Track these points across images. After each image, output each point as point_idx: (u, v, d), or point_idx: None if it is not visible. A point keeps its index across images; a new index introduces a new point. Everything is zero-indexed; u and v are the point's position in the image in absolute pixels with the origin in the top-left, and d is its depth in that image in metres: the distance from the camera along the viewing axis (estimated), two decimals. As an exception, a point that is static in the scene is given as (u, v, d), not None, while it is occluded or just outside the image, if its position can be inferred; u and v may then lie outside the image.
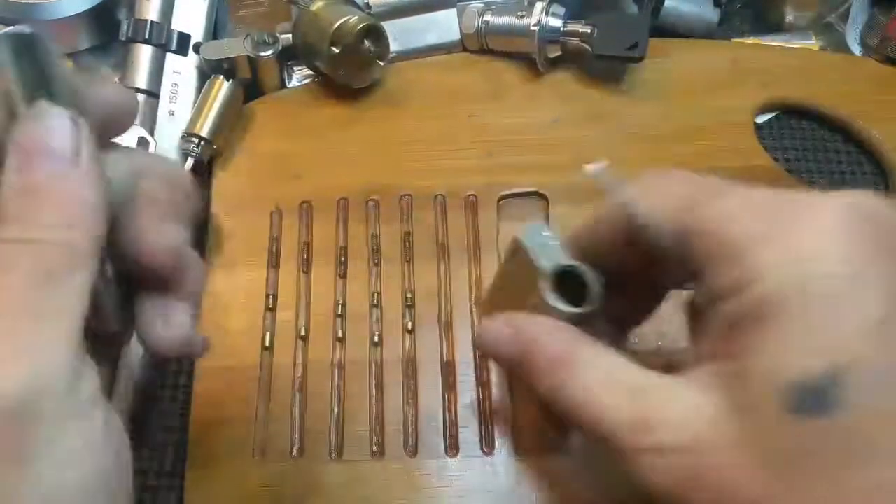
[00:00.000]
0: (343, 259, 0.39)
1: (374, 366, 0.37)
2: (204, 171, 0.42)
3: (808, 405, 0.20)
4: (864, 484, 0.19)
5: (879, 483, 0.19)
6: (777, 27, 0.49)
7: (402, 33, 0.46)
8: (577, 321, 0.27)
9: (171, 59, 0.44)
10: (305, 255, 0.40)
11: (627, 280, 0.28)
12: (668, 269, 0.24)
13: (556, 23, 0.43)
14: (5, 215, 0.20)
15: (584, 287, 0.27)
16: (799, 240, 0.21)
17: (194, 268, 0.24)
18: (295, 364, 0.37)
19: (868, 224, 0.21)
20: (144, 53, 0.43)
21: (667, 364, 0.24)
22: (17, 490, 0.18)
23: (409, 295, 0.38)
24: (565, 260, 0.27)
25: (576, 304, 0.27)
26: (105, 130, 0.23)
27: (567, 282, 0.27)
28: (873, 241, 0.21)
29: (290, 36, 0.44)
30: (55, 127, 0.21)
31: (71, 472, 0.19)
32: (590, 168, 0.25)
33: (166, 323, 0.24)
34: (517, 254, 0.29)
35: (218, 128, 0.42)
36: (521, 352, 0.27)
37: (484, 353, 0.32)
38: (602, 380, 0.24)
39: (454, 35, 0.46)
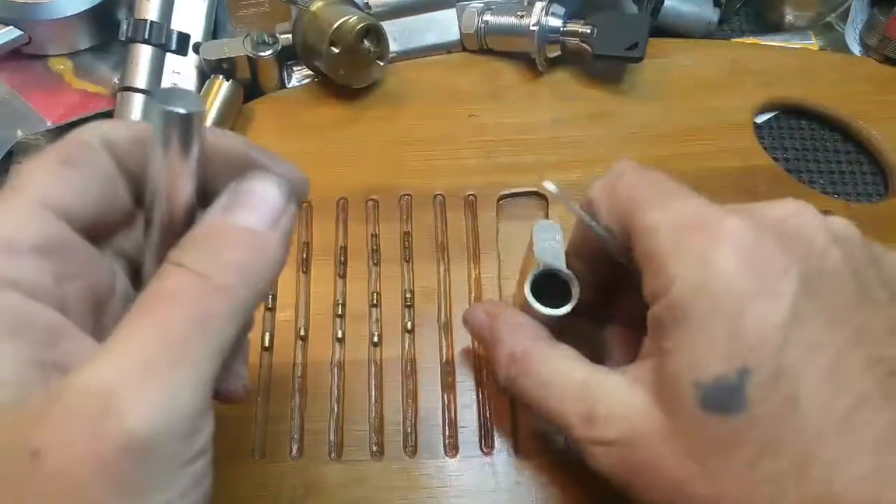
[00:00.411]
0: (342, 259, 0.40)
1: (373, 366, 0.37)
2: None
3: (718, 403, 0.23)
4: (767, 473, 0.22)
5: (778, 471, 0.22)
6: (777, 27, 0.49)
7: (401, 33, 0.46)
8: (553, 319, 0.30)
9: (171, 59, 0.44)
10: (305, 255, 0.40)
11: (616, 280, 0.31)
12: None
13: (555, 23, 0.43)
14: (192, 243, 0.21)
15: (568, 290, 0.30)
16: (708, 253, 0.23)
17: (247, 337, 0.27)
18: (294, 364, 0.37)
19: (774, 236, 0.24)
20: (144, 53, 0.43)
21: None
22: None
23: (408, 295, 0.38)
24: (557, 263, 0.30)
25: (558, 304, 0.30)
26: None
27: (555, 282, 0.30)
28: (781, 252, 0.23)
29: (289, 36, 0.44)
30: (271, 191, 0.22)
31: None
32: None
33: (231, 373, 0.26)
34: (530, 246, 0.32)
35: (218, 127, 0.42)
36: (488, 341, 0.31)
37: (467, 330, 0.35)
38: (556, 376, 0.27)
39: (454, 35, 0.46)
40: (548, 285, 0.30)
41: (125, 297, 0.24)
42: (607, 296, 0.32)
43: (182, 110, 0.20)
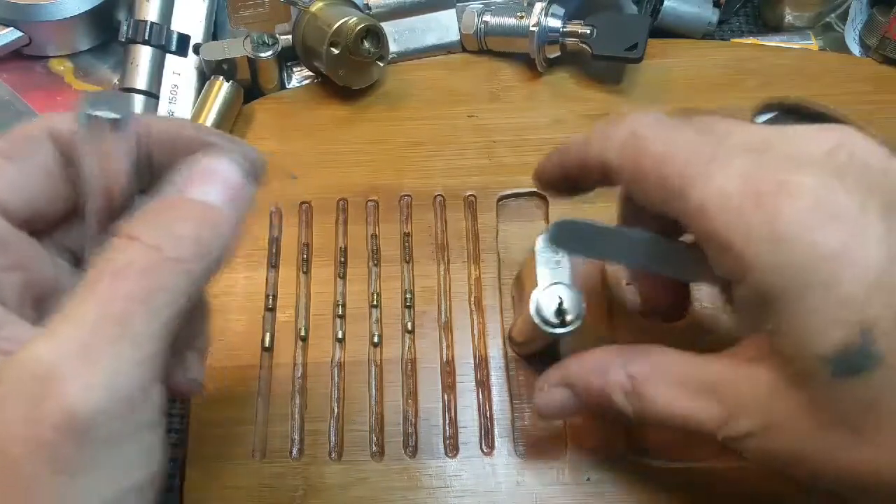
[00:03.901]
0: (343, 259, 0.40)
1: (373, 366, 0.37)
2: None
3: (852, 368, 0.21)
4: None
5: None
6: (776, 27, 0.49)
7: (401, 34, 0.46)
8: (555, 337, 0.30)
9: (171, 60, 0.44)
10: (305, 256, 0.40)
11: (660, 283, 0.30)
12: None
13: (555, 23, 0.43)
14: (145, 216, 0.21)
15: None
16: (775, 226, 0.22)
17: (207, 330, 0.27)
18: (294, 364, 0.37)
19: (832, 177, 0.22)
20: (144, 54, 0.43)
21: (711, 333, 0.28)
22: (67, 499, 0.18)
23: (408, 295, 0.38)
24: (559, 280, 0.30)
25: (564, 320, 0.29)
26: None
27: (561, 294, 0.30)
28: (847, 193, 0.22)
29: (289, 37, 0.44)
30: (227, 166, 0.22)
31: (111, 488, 0.19)
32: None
33: (183, 366, 0.26)
34: (532, 257, 0.31)
35: (217, 128, 0.42)
36: (587, 404, 0.28)
37: (553, 419, 0.34)
38: (675, 388, 0.25)
39: (453, 36, 0.46)
40: (553, 307, 0.30)
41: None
42: (681, 293, 0.31)
43: (103, 114, 0.20)
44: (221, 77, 0.42)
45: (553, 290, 0.29)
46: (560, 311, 0.29)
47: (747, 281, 0.23)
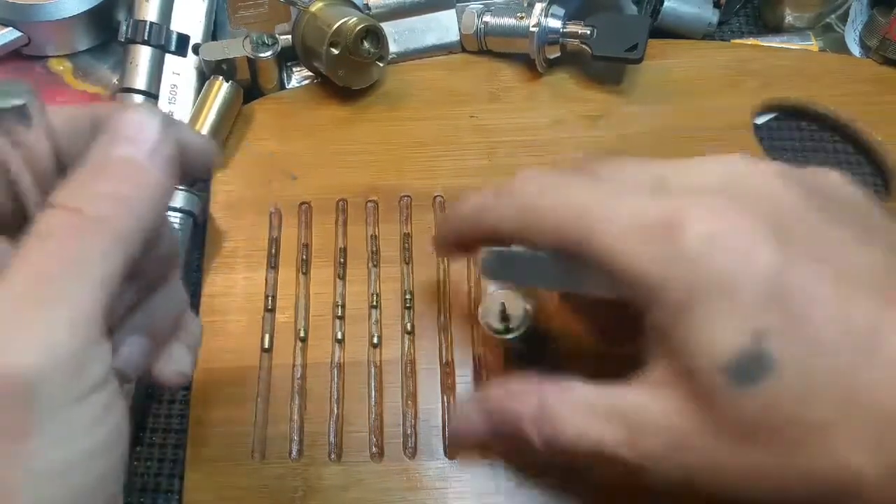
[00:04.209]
0: (342, 260, 0.39)
1: (373, 367, 0.37)
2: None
3: (749, 375, 0.22)
4: (820, 417, 0.22)
5: (830, 412, 0.22)
6: (776, 28, 0.49)
7: (401, 34, 0.46)
8: (510, 342, 0.31)
9: (171, 60, 0.44)
10: (304, 256, 0.40)
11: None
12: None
13: (555, 24, 0.43)
14: (65, 183, 0.20)
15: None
16: (675, 252, 0.23)
17: (195, 325, 0.27)
18: (294, 365, 0.37)
19: (726, 204, 0.24)
20: (143, 54, 0.43)
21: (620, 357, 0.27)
22: (12, 466, 0.18)
23: (408, 296, 0.38)
24: (501, 289, 0.31)
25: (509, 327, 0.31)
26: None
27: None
28: (739, 215, 0.23)
29: (289, 37, 0.44)
30: (145, 121, 0.21)
31: (59, 453, 0.19)
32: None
33: (167, 357, 0.26)
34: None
35: (217, 129, 0.42)
36: (505, 429, 0.28)
37: (462, 446, 0.34)
38: (585, 415, 0.26)
39: (453, 36, 0.46)
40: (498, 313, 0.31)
41: None
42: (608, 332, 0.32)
43: (4, 104, 0.20)
44: (221, 77, 0.42)
45: (497, 296, 0.30)
46: (504, 318, 0.31)
47: (657, 304, 0.24)
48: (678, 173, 0.26)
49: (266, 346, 0.37)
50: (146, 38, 0.43)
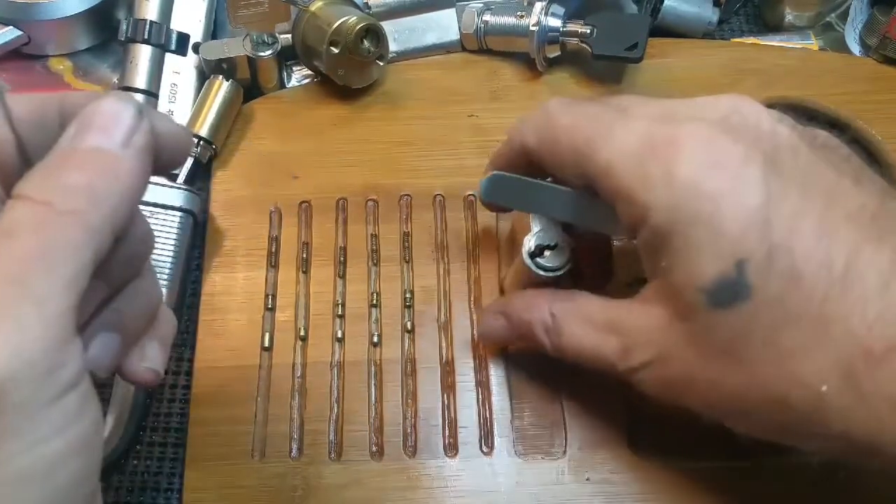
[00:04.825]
0: (342, 259, 0.39)
1: (373, 366, 0.37)
2: (203, 170, 0.42)
3: (725, 299, 0.24)
4: (789, 346, 0.23)
5: (800, 342, 0.23)
6: (776, 27, 0.49)
7: (401, 33, 0.46)
8: (550, 281, 0.32)
9: (171, 59, 0.44)
10: (305, 255, 0.40)
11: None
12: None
13: (555, 23, 0.43)
14: (34, 173, 0.20)
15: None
16: (669, 170, 0.25)
17: (169, 320, 0.27)
18: (294, 364, 0.37)
19: (723, 132, 0.25)
20: (143, 53, 0.43)
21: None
22: None
23: (408, 295, 0.38)
24: (550, 225, 0.32)
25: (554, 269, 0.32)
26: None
27: (549, 247, 0.32)
28: (735, 144, 0.24)
29: (289, 36, 0.44)
30: (119, 110, 0.21)
31: (31, 455, 0.18)
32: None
33: (140, 353, 0.25)
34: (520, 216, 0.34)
35: (217, 128, 0.42)
36: (519, 331, 0.32)
37: (490, 345, 0.36)
38: (586, 326, 0.29)
39: (453, 35, 0.46)
40: (543, 252, 0.32)
41: None
42: (605, 264, 0.34)
43: None
44: (221, 76, 0.42)
45: (544, 233, 0.31)
46: (551, 255, 0.31)
47: (647, 224, 0.25)
48: (688, 107, 0.27)
49: (266, 345, 0.37)
50: (146, 37, 0.43)
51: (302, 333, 0.38)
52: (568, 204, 0.30)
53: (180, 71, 0.44)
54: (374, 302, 0.38)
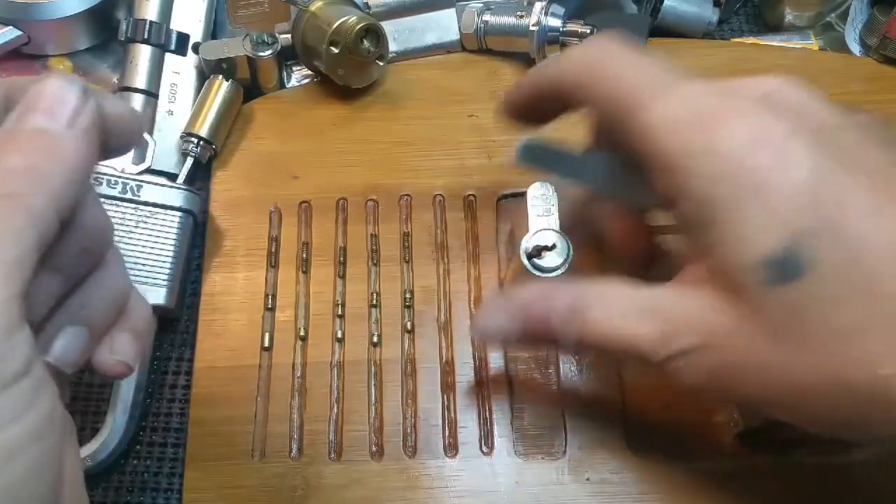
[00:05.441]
0: (342, 259, 0.39)
1: (373, 366, 0.37)
2: (203, 170, 0.42)
3: (781, 276, 0.22)
4: (848, 323, 0.22)
5: (859, 318, 0.22)
6: (776, 27, 0.49)
7: (401, 33, 0.46)
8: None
9: (170, 59, 0.44)
10: (304, 255, 0.40)
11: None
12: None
13: (555, 23, 0.43)
14: None
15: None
16: (715, 144, 0.24)
17: (141, 309, 0.26)
18: (294, 364, 0.37)
19: (767, 109, 0.24)
20: (143, 53, 0.43)
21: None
22: None
23: (408, 295, 0.38)
24: (549, 223, 0.32)
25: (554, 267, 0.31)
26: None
27: (549, 246, 0.31)
28: (779, 121, 0.24)
29: (289, 36, 0.44)
30: (63, 90, 0.20)
31: None
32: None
33: (110, 346, 0.24)
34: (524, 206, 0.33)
35: (217, 128, 0.42)
36: (534, 326, 0.29)
37: (488, 342, 0.35)
38: (618, 311, 0.26)
39: (453, 35, 0.46)
40: (540, 252, 0.31)
41: None
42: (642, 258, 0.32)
43: None
44: (221, 76, 0.42)
45: (542, 234, 0.31)
46: (549, 255, 0.31)
47: (687, 194, 0.24)
48: (733, 85, 0.26)
49: (266, 344, 0.37)
50: (146, 37, 0.43)
51: (302, 333, 0.38)
52: (601, 172, 0.30)
53: (180, 71, 0.44)
54: (374, 302, 0.38)
